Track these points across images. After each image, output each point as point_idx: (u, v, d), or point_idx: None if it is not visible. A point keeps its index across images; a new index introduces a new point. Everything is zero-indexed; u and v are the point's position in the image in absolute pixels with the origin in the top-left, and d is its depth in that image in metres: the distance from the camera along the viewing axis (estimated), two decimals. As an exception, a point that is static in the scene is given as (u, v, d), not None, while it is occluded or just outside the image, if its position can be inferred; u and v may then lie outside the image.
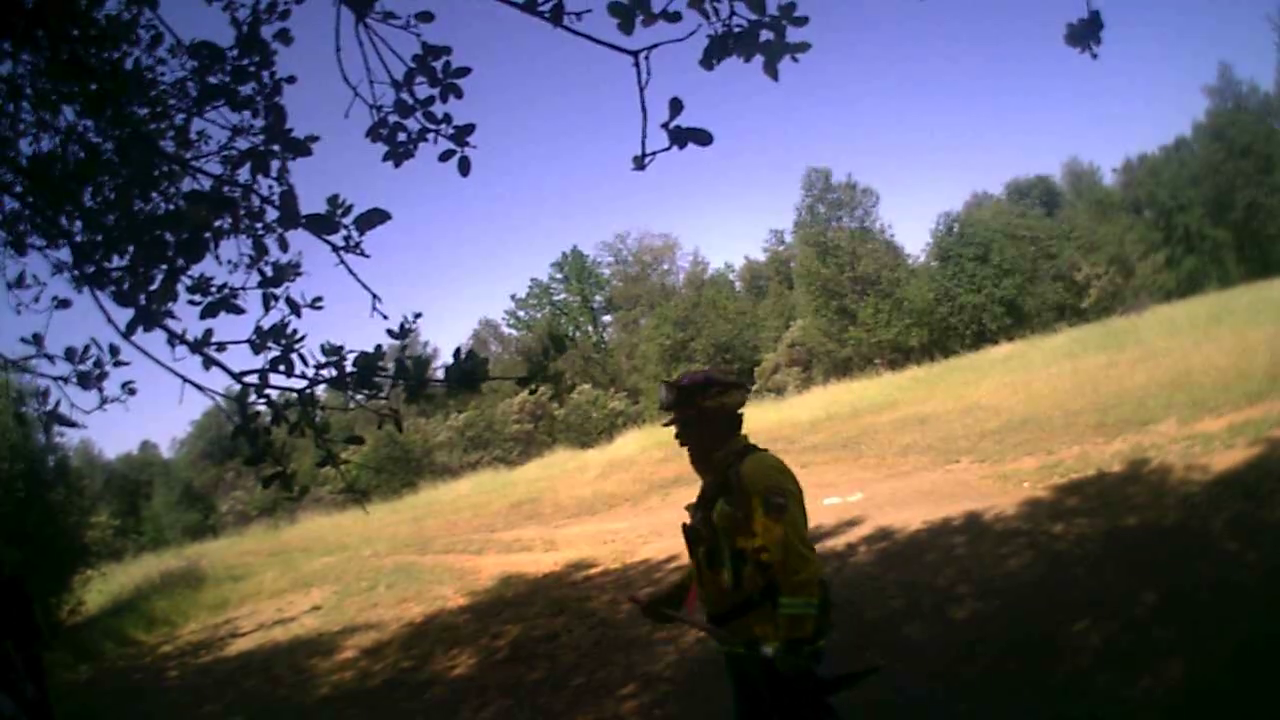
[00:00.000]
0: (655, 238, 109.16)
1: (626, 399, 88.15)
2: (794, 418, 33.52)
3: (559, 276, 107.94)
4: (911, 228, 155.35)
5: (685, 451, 5.78)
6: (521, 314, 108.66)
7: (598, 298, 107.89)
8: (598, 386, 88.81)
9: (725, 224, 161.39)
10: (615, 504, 25.97)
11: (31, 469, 25.57)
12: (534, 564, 19.37)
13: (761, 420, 35.00)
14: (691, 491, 15.36)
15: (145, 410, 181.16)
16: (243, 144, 6.86)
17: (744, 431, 5.76)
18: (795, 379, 74.46)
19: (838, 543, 13.94)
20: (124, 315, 6.53)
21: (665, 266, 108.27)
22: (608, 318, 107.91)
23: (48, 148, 7.62)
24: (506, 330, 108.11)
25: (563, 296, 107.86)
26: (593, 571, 17.00)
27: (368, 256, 6.08)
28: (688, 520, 5.86)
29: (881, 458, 21.25)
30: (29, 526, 23.88)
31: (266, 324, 6.41)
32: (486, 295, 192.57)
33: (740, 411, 5.76)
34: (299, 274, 6.87)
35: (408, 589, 20.15)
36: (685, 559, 14.00)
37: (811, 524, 13.95)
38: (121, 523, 75.59)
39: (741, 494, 5.35)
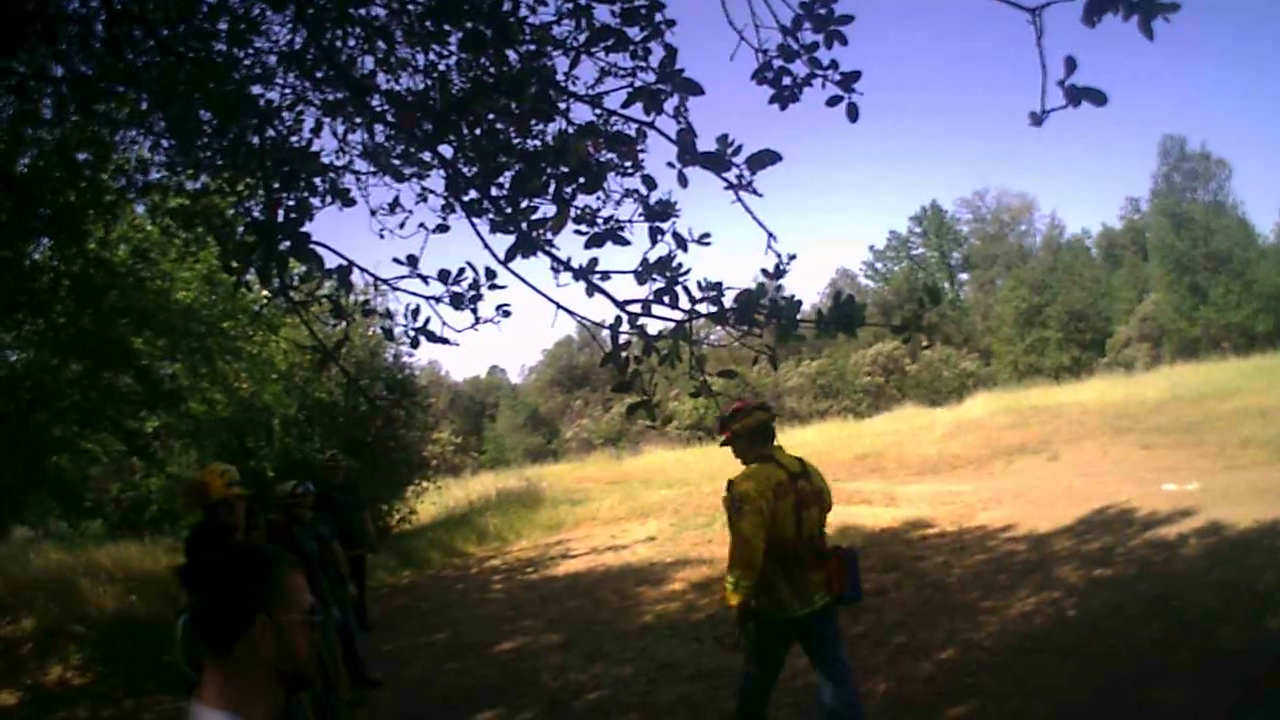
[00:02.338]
0: (1013, 197, 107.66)
1: (979, 360, 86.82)
2: (1140, 395, 32.47)
3: (917, 230, 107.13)
4: (1262, 204, 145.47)
5: (1024, 421, 7.03)
6: (879, 266, 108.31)
7: (955, 254, 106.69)
8: (950, 345, 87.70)
9: (1082, 186, 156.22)
10: (958, 465, 25.67)
11: (377, 384, 26.93)
12: (872, 518, 19.31)
13: (1109, 395, 34.20)
14: (1037, 462, 15.62)
15: (496, 337, 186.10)
16: (614, 83, 6.86)
17: (775, 443, 7.77)
18: (1144, 355, 72.03)
19: (1169, 532, 13.55)
20: (498, 243, 6.82)
21: (1023, 227, 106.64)
22: (964, 275, 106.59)
23: (409, 85, 8.17)
24: (863, 281, 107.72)
25: (920, 251, 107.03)
26: (929, 531, 16.99)
27: (761, 195, 6.07)
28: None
29: (1220, 448, 20.39)
30: (369, 438, 25.43)
31: (652, 257, 6.46)
32: (841, 245, 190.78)
33: (764, 425, 7.73)
34: (677, 214, 6.80)
35: None
36: (1023, 527, 14.15)
37: (1148, 508, 13.96)
38: (463, 441, 78.20)
39: (728, 495, 7.50)
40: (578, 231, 6.82)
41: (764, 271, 6.32)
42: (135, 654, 14.60)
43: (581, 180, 6.51)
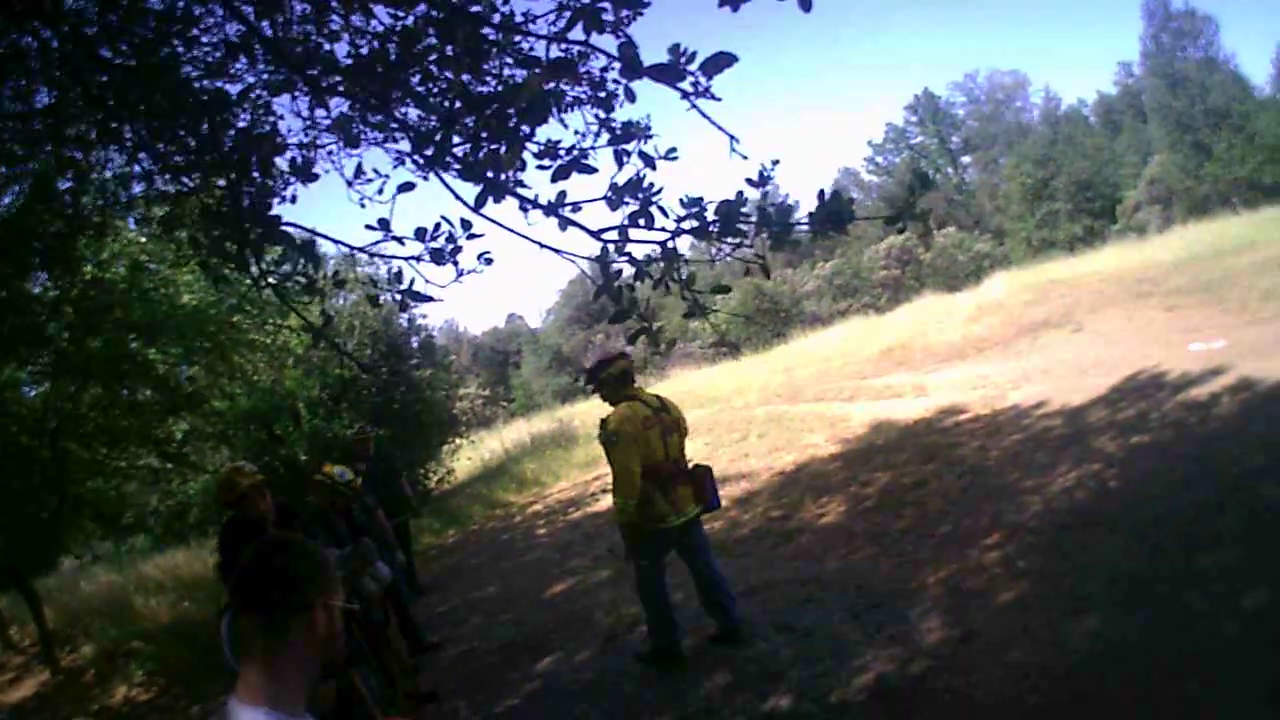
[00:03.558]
0: (1004, 75, 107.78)
1: (992, 240, 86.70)
2: (1157, 258, 32.02)
3: (913, 119, 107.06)
4: (1252, 57, 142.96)
5: (1044, 296, 7.83)
6: (880, 160, 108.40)
7: (954, 139, 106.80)
8: (962, 229, 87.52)
9: (1072, 57, 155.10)
10: (984, 348, 25.46)
11: (395, 351, 27.23)
12: (904, 410, 19.30)
13: (1126, 261, 33.85)
14: (1062, 336, 15.81)
15: (510, 286, 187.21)
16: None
17: (636, 384, 9.65)
18: (1156, 218, 71.67)
19: (1201, 392, 13.46)
20: (471, 193, 6.62)
21: (1018, 104, 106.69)
22: (966, 159, 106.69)
23: (365, 50, 8.01)
24: (866, 177, 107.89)
25: (919, 140, 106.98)
26: (962, 417, 16.91)
27: (719, 99, 5.83)
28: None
29: (1243, 303, 20.10)
30: (396, 405, 25.58)
31: (621, 180, 6.40)
32: (840, 146, 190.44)
33: (626, 372, 9.58)
34: (649, 135, 6.85)
35: (779, 438, 20.36)
36: (1055, 403, 14.21)
37: (1178, 370, 14.00)
38: (491, 392, 78.88)
39: (603, 432, 9.20)
40: (541, 167, 6.76)
41: (748, 180, 6.19)
42: (195, 660, 14.79)
43: (534, 113, 6.39)
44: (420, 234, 6.85)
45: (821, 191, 5.89)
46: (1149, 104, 78.73)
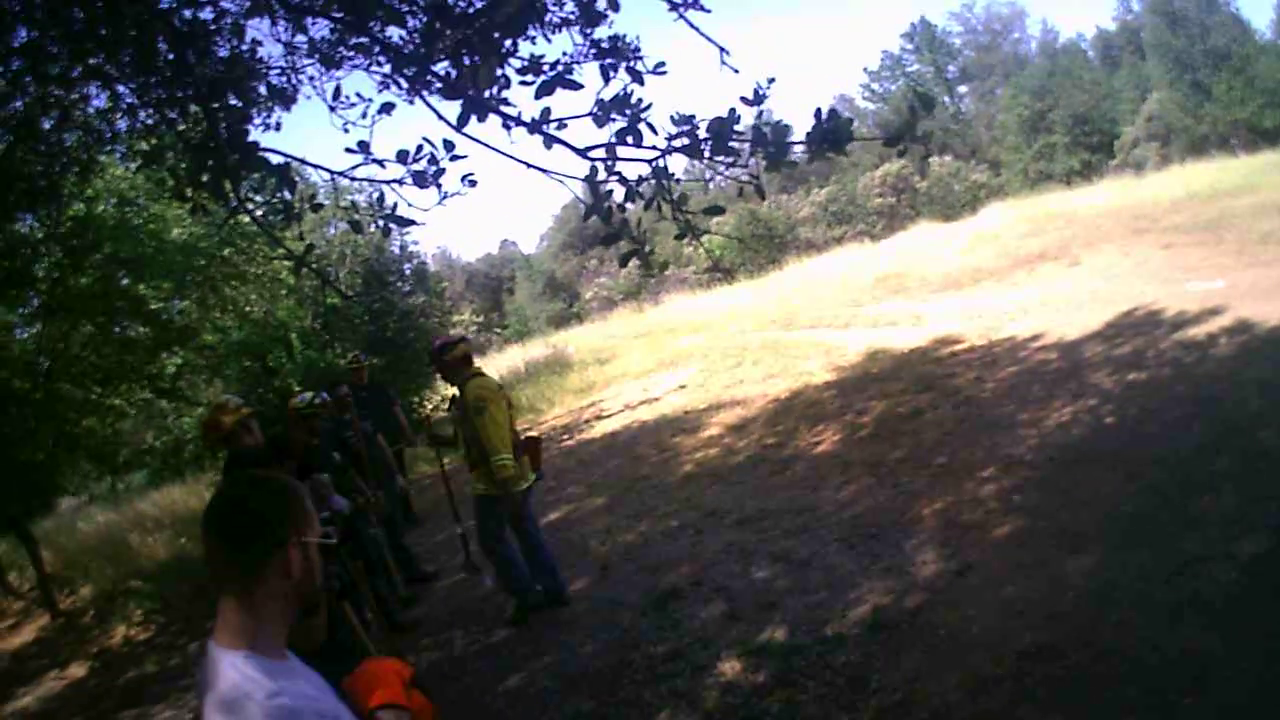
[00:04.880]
0: (1002, 5, 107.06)
1: (988, 170, 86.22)
2: (1155, 195, 31.65)
3: (909, 48, 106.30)
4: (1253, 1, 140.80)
5: (1041, 228, 8.02)
6: (876, 87, 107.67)
7: (950, 68, 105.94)
8: (958, 158, 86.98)
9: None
10: (980, 278, 25.28)
11: (384, 279, 27.26)
12: (900, 339, 19.17)
13: (1124, 197, 33.57)
14: (1058, 269, 15.78)
15: (504, 212, 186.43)
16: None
17: (476, 364, 10.00)
18: (1154, 155, 71.15)
19: (1199, 332, 13.31)
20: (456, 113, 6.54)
21: (1015, 35, 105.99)
22: (962, 88, 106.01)
23: None
24: (862, 104, 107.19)
25: (915, 68, 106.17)
26: (958, 347, 16.85)
27: (708, 11, 5.86)
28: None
29: (1241, 245, 19.72)
30: (389, 333, 25.54)
31: (607, 96, 6.23)
32: (833, 74, 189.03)
33: (467, 354, 9.92)
34: (639, 55, 6.63)
35: (773, 365, 20.29)
36: (1051, 336, 14.18)
37: (1175, 309, 13.98)
38: (485, 318, 78.63)
39: (463, 405, 9.54)
40: (525, 83, 6.60)
41: (742, 99, 5.99)
42: (193, 597, 14.94)
43: (515, 25, 6.31)
44: (402, 156, 6.70)
45: (819, 110, 5.78)
46: (1148, 41, 77.99)
